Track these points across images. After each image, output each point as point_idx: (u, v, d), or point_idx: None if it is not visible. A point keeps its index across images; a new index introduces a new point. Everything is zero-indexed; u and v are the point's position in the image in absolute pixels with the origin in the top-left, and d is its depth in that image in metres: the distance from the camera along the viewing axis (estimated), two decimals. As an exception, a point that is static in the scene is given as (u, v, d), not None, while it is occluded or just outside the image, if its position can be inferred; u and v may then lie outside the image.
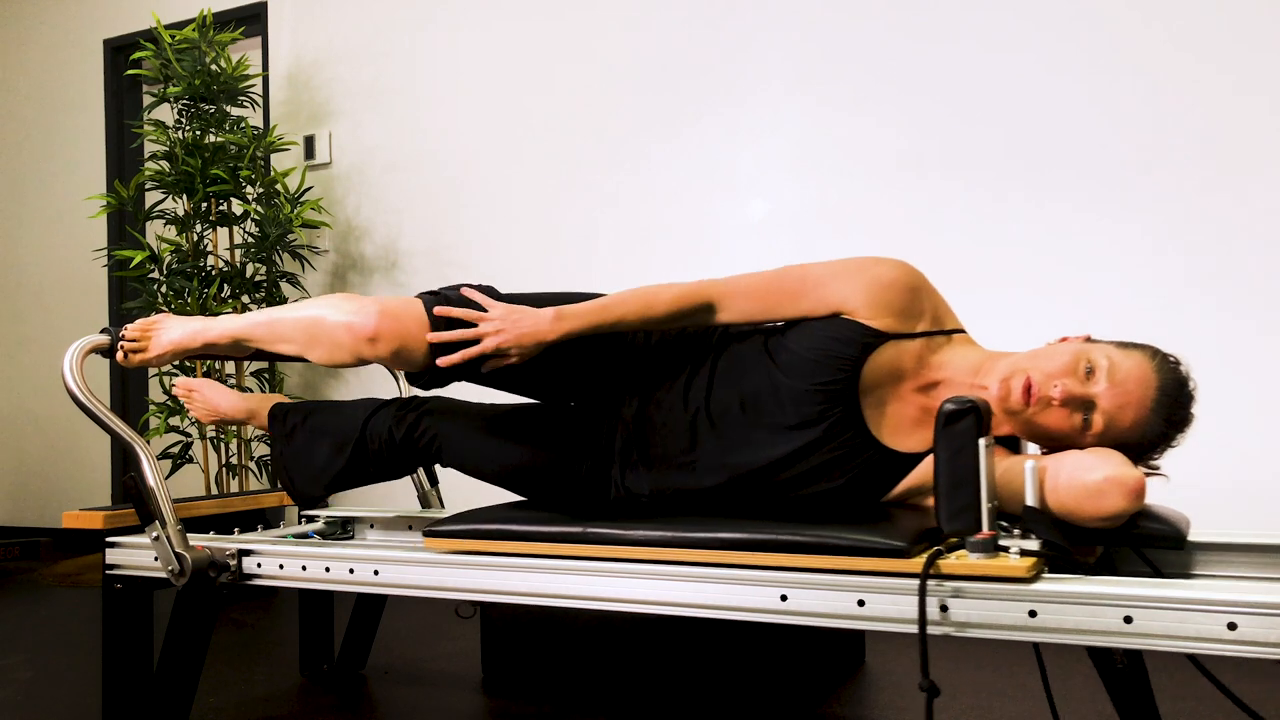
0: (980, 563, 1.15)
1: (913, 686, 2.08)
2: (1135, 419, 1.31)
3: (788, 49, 3.10)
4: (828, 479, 1.46)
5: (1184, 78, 2.62)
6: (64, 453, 4.57)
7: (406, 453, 1.70)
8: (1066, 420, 1.33)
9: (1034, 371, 1.33)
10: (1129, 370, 1.31)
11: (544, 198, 3.48)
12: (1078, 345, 1.36)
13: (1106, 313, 2.68)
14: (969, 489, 1.20)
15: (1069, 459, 1.26)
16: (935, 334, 1.44)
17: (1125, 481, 1.20)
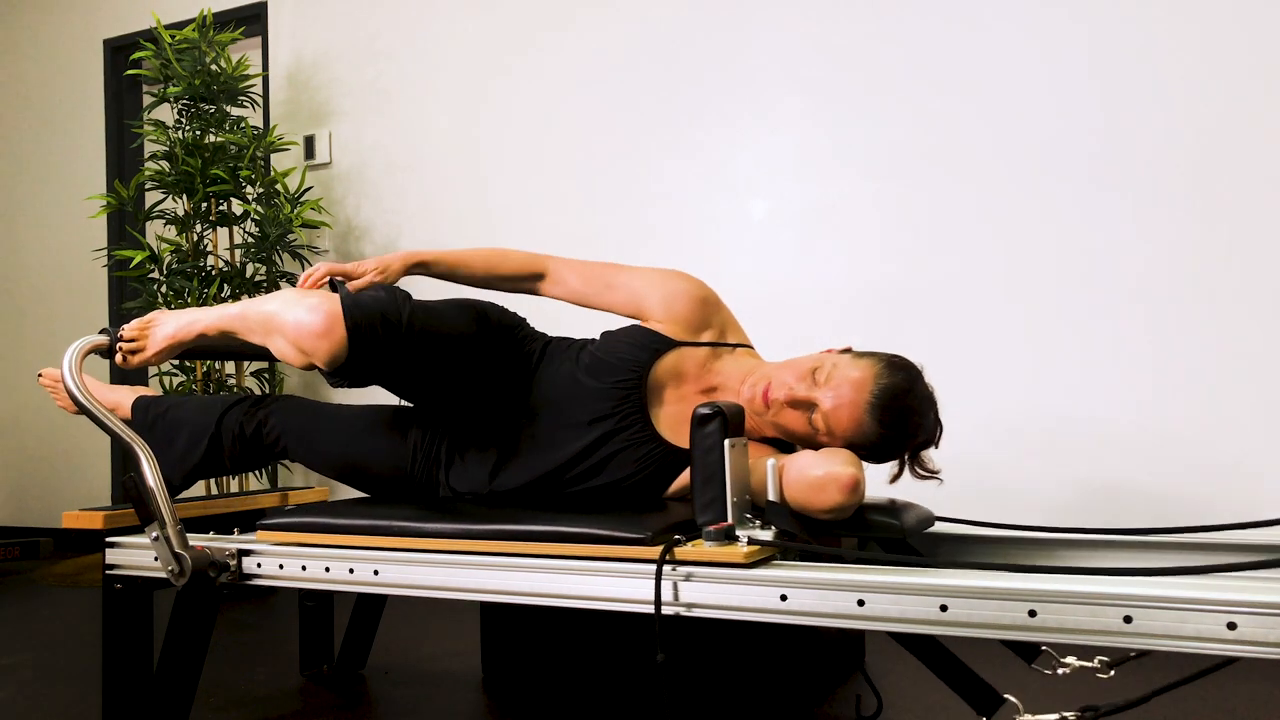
0: (709, 550, 1.30)
1: (913, 687, 2.08)
2: (850, 418, 1.45)
3: (788, 49, 3.10)
4: (617, 469, 1.61)
5: (1195, 79, 2.62)
6: (64, 453, 4.57)
7: (255, 448, 1.81)
8: (800, 421, 1.49)
9: (774, 378, 1.50)
10: (847, 374, 1.46)
11: (544, 197, 3.48)
12: (819, 354, 1.53)
13: (1108, 310, 2.68)
14: (716, 484, 1.34)
15: (800, 458, 1.39)
16: (718, 345, 1.64)
17: (839, 478, 1.33)
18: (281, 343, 1.54)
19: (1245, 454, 2.52)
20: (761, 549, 1.31)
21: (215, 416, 1.81)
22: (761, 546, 1.31)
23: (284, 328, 1.53)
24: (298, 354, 1.52)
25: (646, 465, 1.61)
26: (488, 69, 3.60)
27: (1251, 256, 2.54)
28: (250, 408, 1.82)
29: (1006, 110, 2.81)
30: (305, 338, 1.50)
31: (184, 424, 1.83)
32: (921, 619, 1.18)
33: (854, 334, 2.96)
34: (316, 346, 1.49)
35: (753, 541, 1.32)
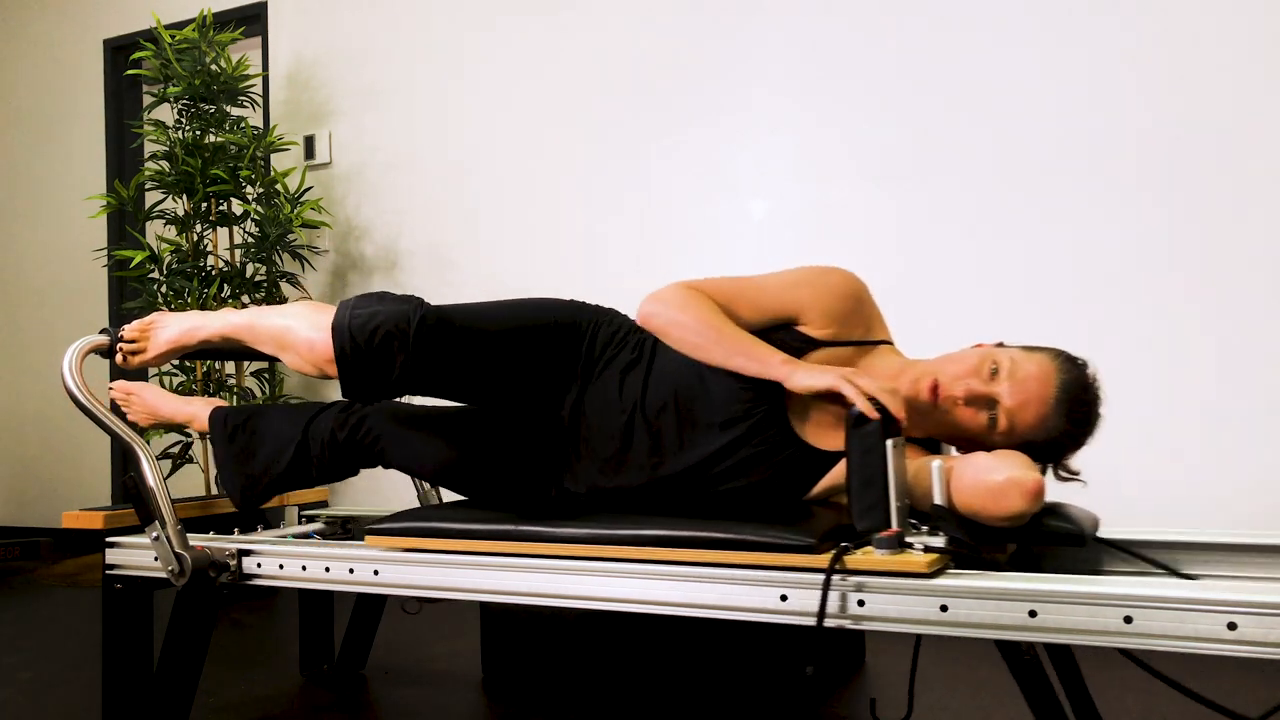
0: (884, 558, 1.20)
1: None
2: (1037, 415, 1.36)
3: (788, 50, 3.10)
4: (752, 474, 1.50)
5: (1197, 79, 2.62)
6: (64, 453, 4.57)
7: (349, 454, 1.72)
8: (974, 419, 1.39)
9: (941, 374, 1.40)
10: (1030, 369, 1.37)
11: (544, 197, 3.48)
12: (985, 349, 1.43)
13: (1108, 310, 2.68)
14: (877, 487, 1.25)
15: (974, 460, 1.31)
16: (864, 343, 1.52)
17: (1024, 483, 1.25)
18: (295, 359, 1.55)
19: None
20: (939, 557, 1.21)
21: (301, 424, 1.74)
22: (938, 555, 1.21)
23: (297, 346, 1.54)
24: (313, 369, 1.54)
25: (786, 469, 1.50)
26: (488, 69, 3.60)
27: (1268, 256, 2.54)
28: (340, 413, 1.74)
29: (1006, 110, 2.81)
30: (320, 360, 1.51)
31: (267, 433, 1.76)
32: (920, 618, 1.17)
33: (854, 334, 2.95)
34: (331, 370, 1.51)
35: (929, 549, 1.22)
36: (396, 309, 1.51)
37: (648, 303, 1.47)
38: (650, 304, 1.47)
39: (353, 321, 1.50)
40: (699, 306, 1.43)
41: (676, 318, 1.43)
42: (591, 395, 1.58)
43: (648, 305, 1.47)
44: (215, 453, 1.78)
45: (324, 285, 3.92)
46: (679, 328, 1.43)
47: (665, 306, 1.44)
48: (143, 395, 1.93)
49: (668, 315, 1.44)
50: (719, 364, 1.41)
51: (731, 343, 1.40)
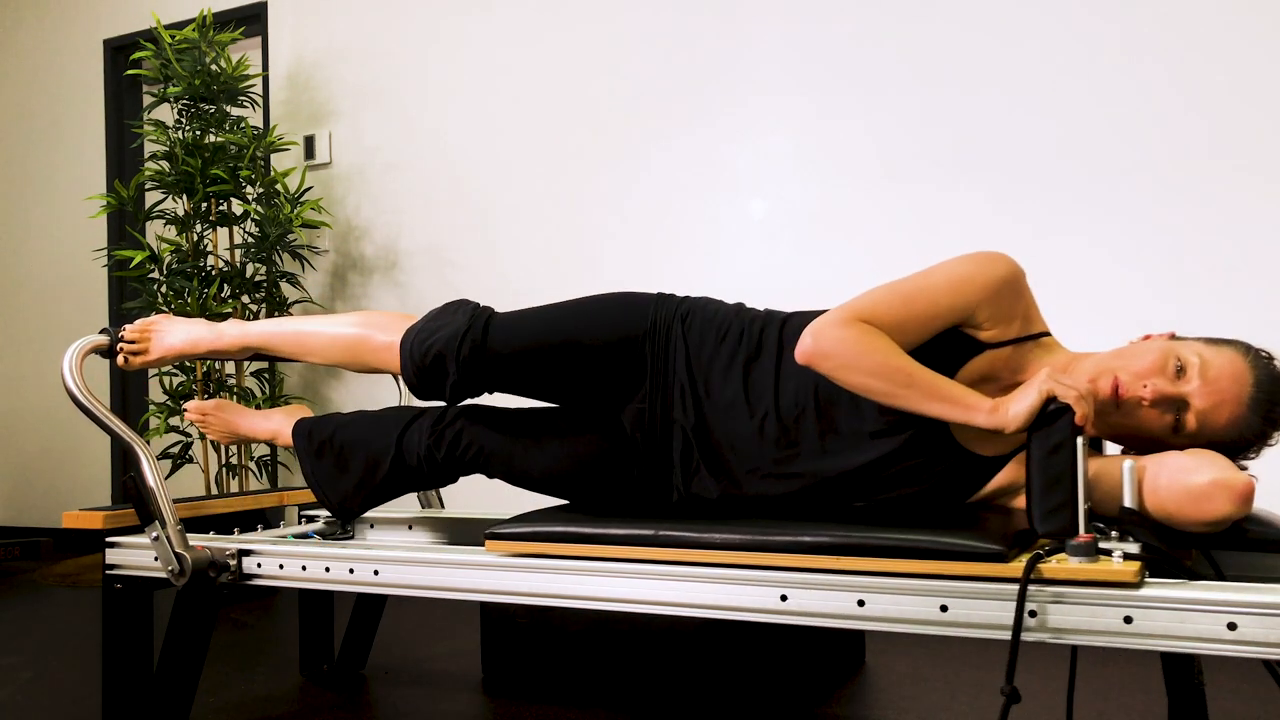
0: (1082, 567, 1.11)
1: (912, 687, 2.08)
2: (1231, 417, 1.27)
3: (788, 50, 3.10)
4: (908, 486, 1.41)
5: (1193, 77, 2.62)
6: (64, 453, 4.57)
7: (449, 467, 1.66)
8: (1158, 420, 1.29)
9: (1121, 371, 1.29)
10: (1222, 367, 1.27)
11: (544, 197, 3.48)
12: (1165, 343, 1.31)
13: (1116, 312, 2.68)
14: (1064, 489, 1.17)
15: (1170, 460, 1.22)
16: (1023, 340, 1.38)
17: (1233, 485, 1.17)
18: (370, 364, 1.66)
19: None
20: (1142, 566, 1.12)
21: (394, 437, 1.69)
22: (1139, 563, 1.12)
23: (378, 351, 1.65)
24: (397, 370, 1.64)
25: (947, 479, 1.41)
26: (488, 69, 3.60)
27: (1267, 255, 2.54)
28: (435, 425, 1.67)
29: (1006, 110, 2.81)
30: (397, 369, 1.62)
31: (357, 447, 1.71)
32: (920, 618, 1.17)
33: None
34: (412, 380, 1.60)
35: (1129, 557, 1.13)
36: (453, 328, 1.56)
37: (812, 341, 1.30)
38: (817, 344, 1.30)
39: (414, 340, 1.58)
40: (877, 349, 1.28)
41: (856, 362, 1.28)
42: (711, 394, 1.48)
43: (813, 345, 1.30)
44: (304, 468, 1.74)
45: (324, 285, 3.92)
46: (857, 372, 1.28)
47: (838, 347, 1.28)
48: (220, 414, 1.90)
49: (843, 359, 1.28)
50: (910, 409, 1.28)
51: (925, 388, 1.26)
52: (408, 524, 2.06)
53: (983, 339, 1.36)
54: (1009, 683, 1.07)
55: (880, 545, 1.21)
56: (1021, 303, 1.37)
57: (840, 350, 1.28)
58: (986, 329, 1.36)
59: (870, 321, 1.31)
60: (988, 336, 1.36)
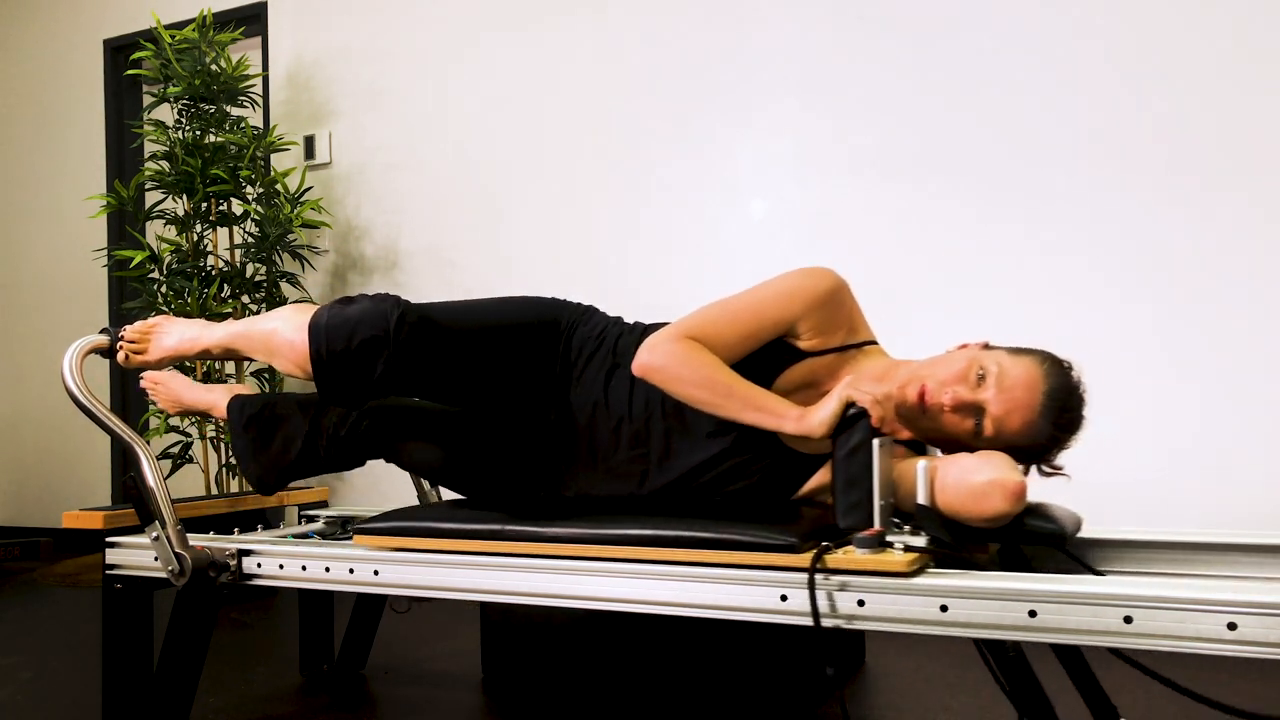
0: (864, 557, 1.22)
1: (913, 687, 2.08)
2: (1023, 422, 1.36)
3: (788, 50, 3.10)
4: (738, 481, 1.53)
5: (1207, 83, 2.62)
6: (64, 453, 4.57)
7: (353, 448, 1.75)
8: (959, 425, 1.38)
9: (929, 379, 1.39)
10: (1017, 376, 1.36)
11: (544, 197, 3.48)
12: (972, 352, 1.42)
13: (1107, 310, 2.68)
14: (862, 487, 1.27)
15: (958, 462, 1.32)
16: (846, 348, 1.51)
17: (1006, 484, 1.26)
18: (283, 362, 1.57)
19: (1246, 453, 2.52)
20: (919, 557, 1.24)
21: (312, 416, 1.77)
22: (918, 554, 1.24)
23: (281, 348, 1.55)
24: (300, 371, 1.55)
25: (773, 475, 1.53)
26: (487, 67, 3.60)
27: (1262, 254, 2.54)
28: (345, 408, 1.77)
29: (1006, 111, 2.81)
30: (301, 359, 1.52)
31: (279, 424, 1.79)
32: (920, 618, 1.18)
33: (854, 334, 2.95)
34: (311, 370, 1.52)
35: (909, 549, 1.24)
36: (374, 308, 1.52)
37: (646, 355, 1.43)
38: (649, 357, 1.43)
39: (329, 322, 1.50)
40: (702, 363, 1.40)
41: (681, 375, 1.40)
42: (577, 397, 1.59)
43: (646, 358, 1.43)
44: (232, 441, 1.81)
45: (324, 285, 3.92)
46: (685, 384, 1.40)
47: (667, 361, 1.41)
48: (169, 384, 1.98)
49: (671, 372, 1.41)
50: (730, 418, 1.40)
51: (742, 399, 1.38)
52: (408, 524, 2.06)
53: (804, 348, 1.49)
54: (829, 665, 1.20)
55: (689, 538, 1.34)
56: (844, 314, 1.50)
57: (668, 364, 1.41)
58: (808, 339, 1.49)
59: (698, 338, 1.44)
60: (809, 345, 1.49)
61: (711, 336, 1.45)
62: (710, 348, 1.44)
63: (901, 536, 1.26)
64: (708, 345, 1.44)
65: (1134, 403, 2.64)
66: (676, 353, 1.41)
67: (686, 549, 1.34)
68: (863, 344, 1.53)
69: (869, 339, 1.55)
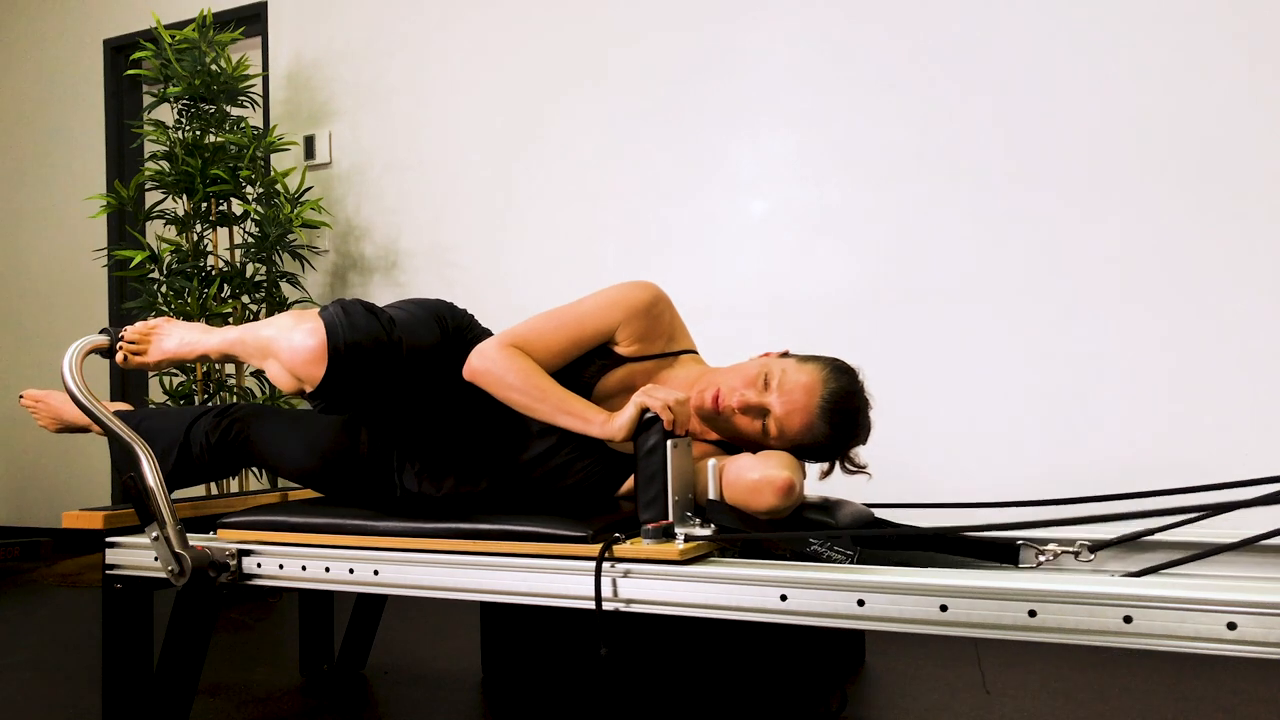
0: (647, 547, 1.34)
1: (912, 687, 2.08)
2: (803, 423, 1.50)
3: (789, 50, 3.10)
4: (568, 476, 1.66)
5: (1198, 84, 2.62)
6: (64, 453, 4.57)
7: (224, 455, 1.80)
8: (749, 426, 1.52)
9: (723, 384, 1.53)
10: (798, 380, 1.50)
11: (544, 197, 3.48)
12: (765, 359, 1.57)
13: (1107, 311, 2.68)
14: (658, 483, 1.38)
15: (738, 460, 1.44)
16: (663, 355, 1.65)
17: (774, 481, 1.38)
18: (276, 367, 1.57)
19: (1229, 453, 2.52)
20: (698, 546, 1.36)
21: (184, 426, 1.81)
22: (698, 543, 1.36)
23: (279, 353, 1.56)
24: (290, 379, 1.56)
25: (595, 470, 1.66)
26: (487, 68, 3.60)
27: (1251, 258, 2.54)
28: (216, 416, 1.82)
29: (1006, 112, 2.81)
30: (300, 364, 1.53)
31: (155, 435, 1.82)
32: (920, 618, 1.18)
33: (852, 334, 2.96)
34: (311, 372, 1.53)
35: (689, 538, 1.37)
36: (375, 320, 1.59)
37: (476, 360, 1.55)
38: (478, 362, 1.55)
39: (344, 322, 1.54)
40: (523, 369, 1.52)
41: (504, 379, 1.52)
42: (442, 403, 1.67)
43: (475, 363, 1.55)
44: (112, 452, 1.87)
45: (324, 285, 3.92)
46: (506, 389, 1.52)
47: (491, 366, 1.53)
48: (49, 401, 1.97)
49: (494, 376, 1.53)
50: (545, 420, 1.52)
51: (555, 403, 1.50)
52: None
53: (623, 354, 1.63)
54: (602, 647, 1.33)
55: (502, 531, 1.48)
56: (663, 324, 1.64)
57: (491, 369, 1.53)
58: (627, 345, 1.62)
59: (522, 345, 1.56)
60: (628, 352, 1.63)
61: (535, 343, 1.57)
62: (533, 354, 1.56)
63: (688, 528, 1.38)
64: (531, 352, 1.56)
65: (1139, 403, 2.64)
66: (499, 359, 1.53)
67: (499, 541, 1.47)
68: (680, 353, 1.67)
69: (688, 348, 1.69)
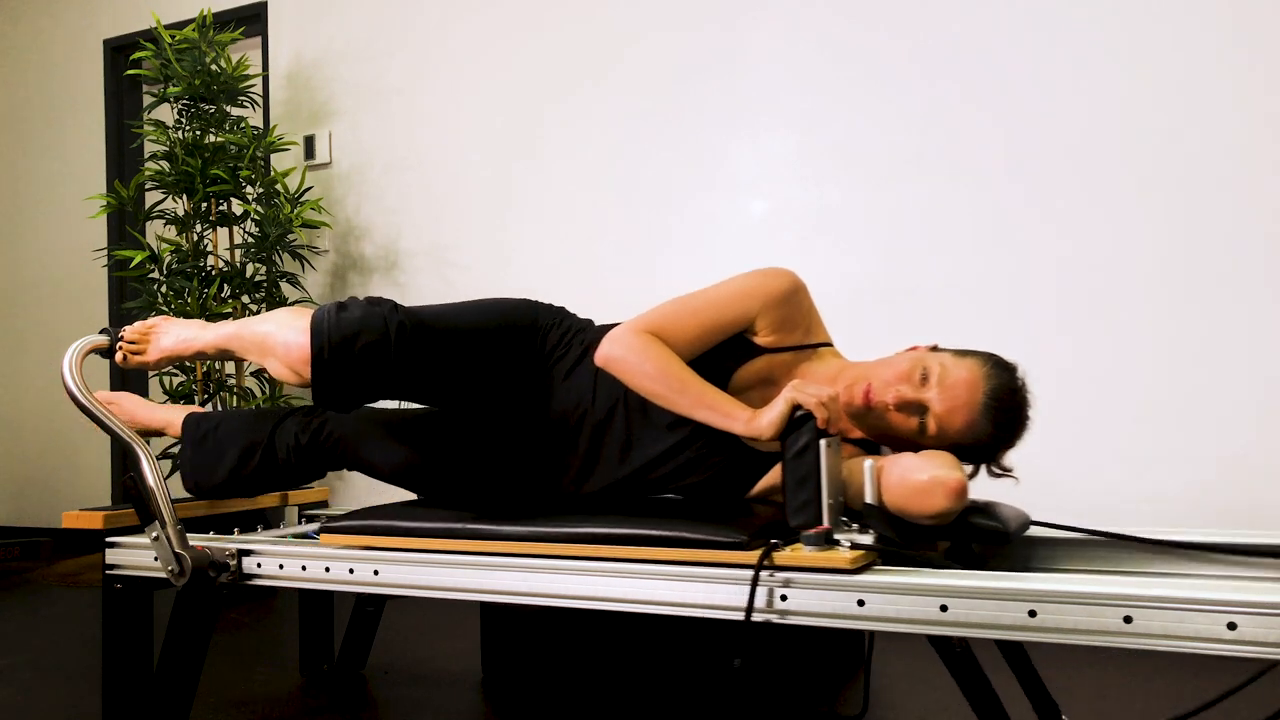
0: (810, 554, 1.24)
1: (913, 686, 2.08)
2: (965, 421, 1.40)
3: (788, 49, 3.10)
4: (696, 474, 1.56)
5: (1197, 83, 2.62)
6: (64, 453, 4.57)
7: (314, 457, 1.76)
8: (904, 423, 1.43)
9: (874, 379, 1.44)
10: (959, 375, 1.41)
11: (544, 197, 3.48)
12: (917, 353, 1.47)
13: (1106, 310, 2.68)
14: (810, 486, 1.29)
15: (901, 460, 1.35)
16: (802, 348, 1.56)
17: (947, 482, 1.29)
18: (276, 364, 1.56)
19: (1246, 448, 2.52)
20: (865, 554, 1.26)
21: (268, 429, 1.78)
22: (863, 552, 1.25)
23: (276, 349, 1.54)
24: (292, 375, 1.54)
25: (727, 470, 1.56)
26: (487, 68, 3.60)
27: (1250, 254, 2.54)
28: (305, 417, 1.78)
29: (1006, 111, 2.81)
30: (296, 362, 1.51)
31: (235, 437, 1.80)
32: (920, 618, 1.18)
33: (852, 334, 2.96)
34: (306, 372, 1.51)
35: (856, 546, 1.25)
36: (372, 311, 1.53)
37: (608, 346, 1.47)
38: (612, 349, 1.47)
39: (331, 323, 1.50)
40: (661, 357, 1.44)
41: (640, 368, 1.44)
42: (544, 395, 1.62)
43: (608, 349, 1.47)
44: (181, 455, 1.82)
45: (324, 285, 3.92)
46: (642, 378, 1.44)
47: (627, 353, 1.45)
48: (123, 404, 1.95)
49: (630, 364, 1.45)
50: (682, 414, 1.43)
51: (695, 396, 1.42)
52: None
53: (762, 344, 1.53)
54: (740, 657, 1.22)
55: (643, 535, 1.36)
56: (801, 313, 1.55)
57: (626, 357, 1.45)
58: (766, 336, 1.53)
59: (658, 333, 1.48)
60: (767, 342, 1.53)
61: (671, 331, 1.48)
62: (669, 343, 1.47)
63: (849, 534, 1.28)
64: (667, 340, 1.47)
65: (1153, 407, 2.64)
66: (635, 346, 1.45)
67: (640, 546, 1.36)
68: (818, 345, 1.58)
69: (825, 340, 1.59)
